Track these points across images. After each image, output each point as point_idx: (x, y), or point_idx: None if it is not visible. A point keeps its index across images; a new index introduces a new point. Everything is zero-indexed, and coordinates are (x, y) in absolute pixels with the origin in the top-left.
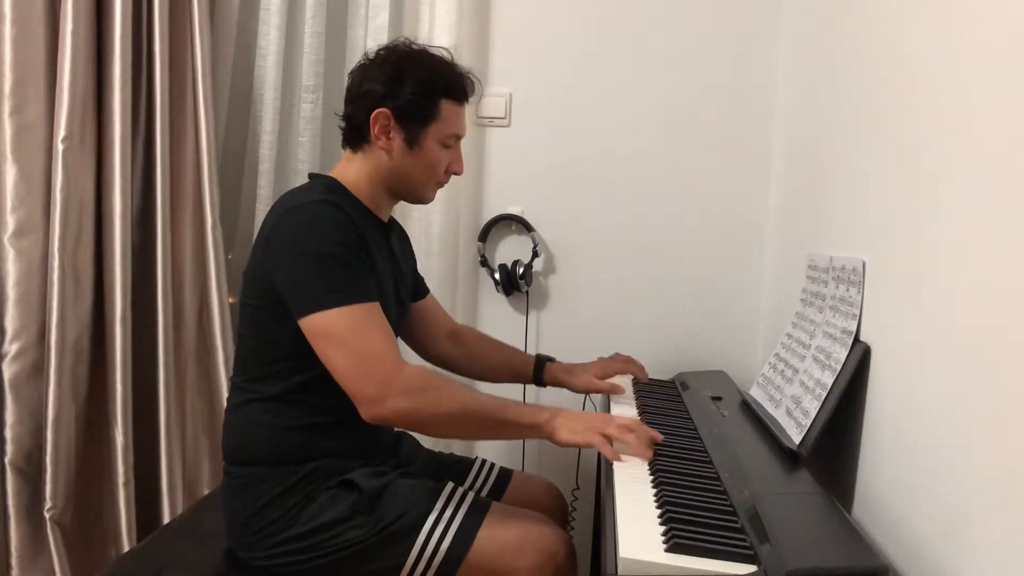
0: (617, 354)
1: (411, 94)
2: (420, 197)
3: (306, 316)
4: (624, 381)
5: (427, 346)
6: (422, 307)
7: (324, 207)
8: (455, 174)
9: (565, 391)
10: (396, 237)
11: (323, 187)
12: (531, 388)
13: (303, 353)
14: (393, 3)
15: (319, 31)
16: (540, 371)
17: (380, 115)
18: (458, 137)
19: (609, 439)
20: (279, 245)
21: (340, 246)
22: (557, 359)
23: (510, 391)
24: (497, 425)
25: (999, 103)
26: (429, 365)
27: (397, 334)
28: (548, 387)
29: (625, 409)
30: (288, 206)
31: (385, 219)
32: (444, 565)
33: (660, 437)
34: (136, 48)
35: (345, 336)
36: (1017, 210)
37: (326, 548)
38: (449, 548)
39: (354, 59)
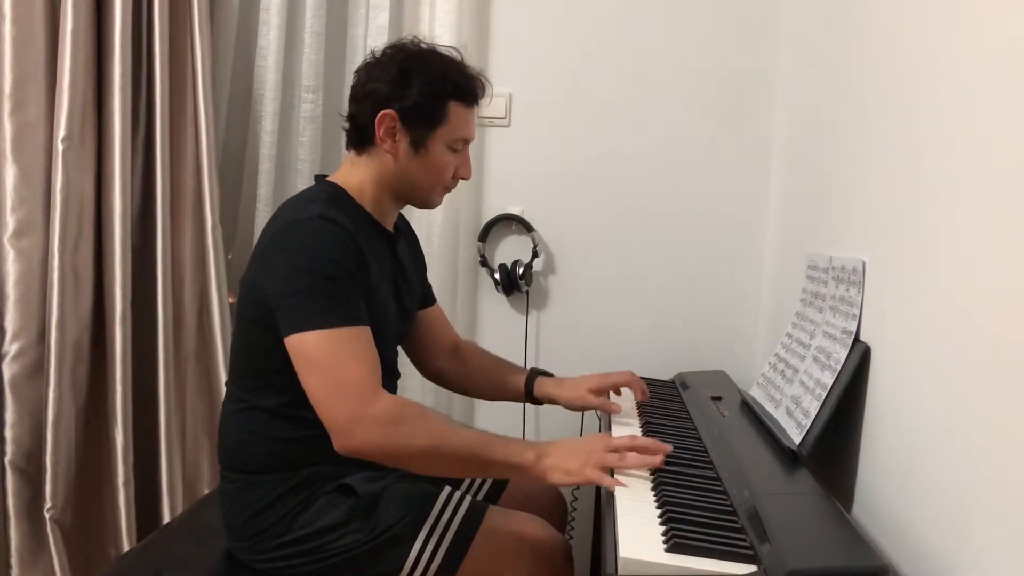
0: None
1: (418, 95)
2: (426, 202)
3: (289, 335)
4: (625, 399)
5: (426, 360)
6: (427, 317)
7: (321, 224)
8: (463, 179)
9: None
10: (404, 243)
11: (325, 198)
12: (531, 405)
13: (294, 370)
14: (393, 3)
15: (319, 31)
16: (531, 385)
17: (386, 116)
18: (467, 141)
19: (608, 469)
20: (273, 259)
21: (333, 265)
22: (556, 369)
23: (511, 409)
24: (478, 465)
25: (1000, 103)
26: (428, 383)
27: (398, 341)
28: (543, 404)
29: (625, 425)
30: (286, 219)
31: (390, 226)
32: (441, 570)
33: (668, 448)
34: (136, 48)
35: (322, 360)
36: (1017, 210)
37: (323, 553)
38: (446, 553)
39: (354, 59)
